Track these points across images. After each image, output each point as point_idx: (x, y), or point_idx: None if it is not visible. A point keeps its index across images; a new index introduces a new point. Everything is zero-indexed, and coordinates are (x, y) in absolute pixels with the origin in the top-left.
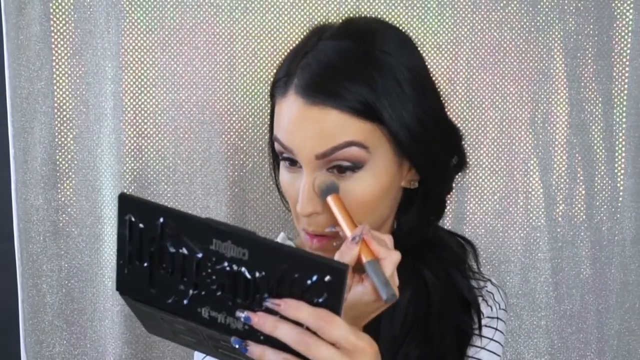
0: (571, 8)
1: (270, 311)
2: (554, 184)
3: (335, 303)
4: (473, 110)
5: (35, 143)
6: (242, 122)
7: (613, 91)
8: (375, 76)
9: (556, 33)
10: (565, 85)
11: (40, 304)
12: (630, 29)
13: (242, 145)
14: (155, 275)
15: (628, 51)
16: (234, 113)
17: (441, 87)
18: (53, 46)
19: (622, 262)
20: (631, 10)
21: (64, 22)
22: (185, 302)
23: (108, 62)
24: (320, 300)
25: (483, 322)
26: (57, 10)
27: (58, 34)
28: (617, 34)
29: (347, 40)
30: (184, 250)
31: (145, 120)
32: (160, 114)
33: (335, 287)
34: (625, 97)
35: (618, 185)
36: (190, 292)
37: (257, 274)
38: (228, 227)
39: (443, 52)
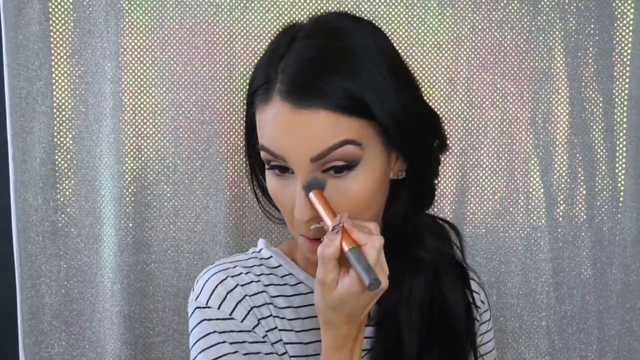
0: (572, 8)
1: None
2: (555, 184)
3: None
4: (473, 110)
5: (34, 143)
6: (241, 122)
7: (614, 91)
8: (360, 70)
9: (557, 33)
10: (566, 85)
11: (39, 305)
12: (631, 28)
13: (242, 145)
14: None
15: (629, 51)
16: (234, 113)
17: (441, 87)
18: (52, 46)
19: (623, 262)
20: (632, 10)
21: (63, 21)
22: None
23: (107, 61)
24: None
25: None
26: (56, 10)
27: (57, 33)
28: (617, 33)
29: (323, 38)
30: None
31: (145, 120)
32: (160, 114)
33: None
34: (626, 97)
35: (619, 185)
36: None
37: None
38: None
39: (443, 51)
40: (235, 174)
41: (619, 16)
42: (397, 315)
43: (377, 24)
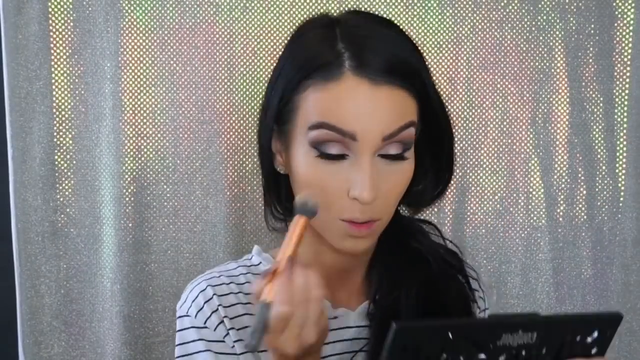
0: (572, 7)
1: None
2: (555, 184)
3: (605, 349)
4: (474, 110)
5: (33, 143)
6: (241, 122)
7: (614, 91)
8: (419, 52)
9: (557, 33)
10: (566, 85)
11: (39, 305)
12: (631, 28)
13: (241, 145)
14: None
15: (629, 50)
16: (234, 113)
17: (441, 87)
18: (52, 45)
19: (623, 262)
20: (632, 10)
21: (62, 21)
22: None
23: (107, 61)
24: (594, 351)
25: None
26: (55, 10)
27: (57, 33)
28: (618, 33)
29: (377, 21)
30: (462, 357)
31: (145, 120)
32: (160, 114)
33: (609, 336)
34: (626, 97)
35: (619, 185)
36: None
37: (542, 351)
38: (515, 316)
39: (444, 51)
40: (235, 174)
41: (619, 16)
42: (396, 308)
43: None
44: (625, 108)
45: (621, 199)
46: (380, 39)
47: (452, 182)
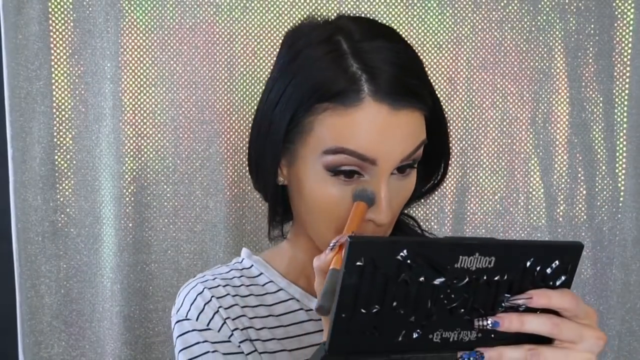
0: (572, 8)
1: (509, 310)
2: (555, 184)
3: (570, 281)
4: (474, 110)
5: (33, 143)
6: (241, 122)
7: (614, 91)
8: (423, 66)
9: (557, 33)
10: (566, 85)
11: (39, 305)
12: (631, 28)
13: (241, 145)
14: (384, 318)
15: (629, 51)
16: (234, 113)
17: (441, 87)
18: (52, 46)
19: (623, 262)
20: (632, 10)
21: (62, 21)
22: (415, 334)
23: (107, 61)
24: (558, 282)
25: None
26: (55, 10)
27: (57, 33)
28: (618, 33)
29: (393, 40)
30: (422, 279)
31: (145, 120)
32: (160, 114)
33: (572, 267)
34: (626, 97)
35: (619, 185)
36: (423, 321)
37: (499, 277)
38: (473, 239)
39: (443, 52)
40: (235, 174)
41: (619, 16)
42: None
43: None
44: (625, 108)
45: (621, 199)
46: (392, 58)
47: (452, 182)
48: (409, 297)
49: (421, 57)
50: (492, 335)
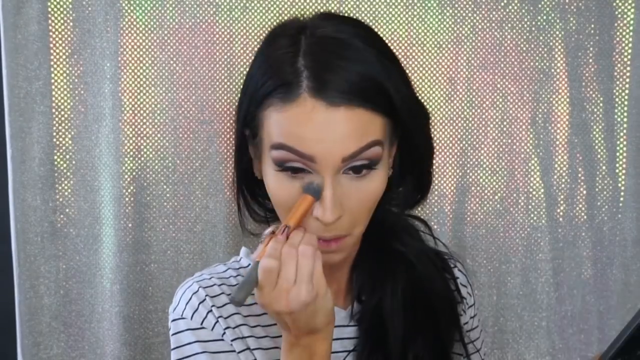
0: (572, 7)
1: None
2: (555, 184)
3: None
4: (474, 110)
5: (33, 143)
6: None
7: (614, 91)
8: (387, 66)
9: (557, 32)
10: (566, 85)
11: (38, 306)
12: (631, 28)
13: None
14: None
15: (629, 50)
16: (234, 113)
17: (441, 87)
18: (51, 45)
19: (623, 262)
20: (632, 10)
21: (62, 21)
22: None
23: (107, 61)
24: None
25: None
26: (55, 9)
27: (56, 33)
28: (618, 33)
29: (338, 35)
30: None
31: (144, 120)
32: (160, 114)
33: None
34: (626, 97)
35: (619, 185)
36: None
37: None
38: None
39: (444, 51)
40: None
41: (619, 16)
42: (381, 308)
43: (377, 24)
44: (625, 108)
45: (621, 199)
46: (345, 56)
47: (452, 182)
48: None
49: (421, 57)
50: None
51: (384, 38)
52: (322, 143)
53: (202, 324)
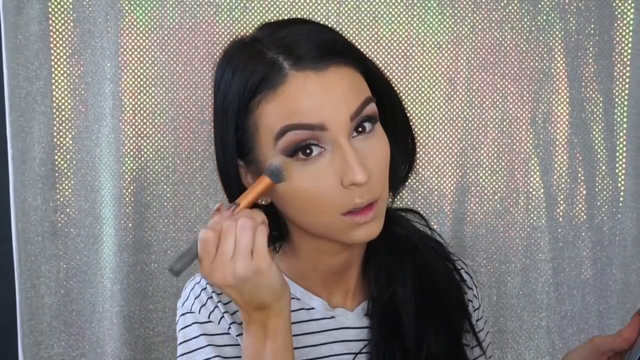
0: (572, 8)
1: None
2: (555, 184)
3: None
4: (474, 110)
5: (33, 143)
6: None
7: (614, 91)
8: (343, 36)
9: (557, 33)
10: (566, 85)
11: (39, 305)
12: (631, 28)
13: None
14: None
15: (629, 51)
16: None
17: (441, 87)
18: (52, 45)
19: (623, 262)
20: (632, 10)
21: (62, 21)
22: None
23: (107, 61)
24: None
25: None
26: (55, 10)
27: (57, 33)
28: (618, 33)
29: (306, 22)
30: None
31: (145, 120)
32: (160, 114)
33: None
34: (626, 97)
35: (619, 185)
36: None
37: None
38: None
39: (443, 51)
40: None
41: (619, 16)
42: (394, 299)
43: (377, 23)
44: (625, 108)
45: (621, 199)
46: (301, 32)
47: (452, 182)
48: None
49: (421, 57)
50: None
51: (384, 38)
52: (327, 107)
53: (209, 317)
